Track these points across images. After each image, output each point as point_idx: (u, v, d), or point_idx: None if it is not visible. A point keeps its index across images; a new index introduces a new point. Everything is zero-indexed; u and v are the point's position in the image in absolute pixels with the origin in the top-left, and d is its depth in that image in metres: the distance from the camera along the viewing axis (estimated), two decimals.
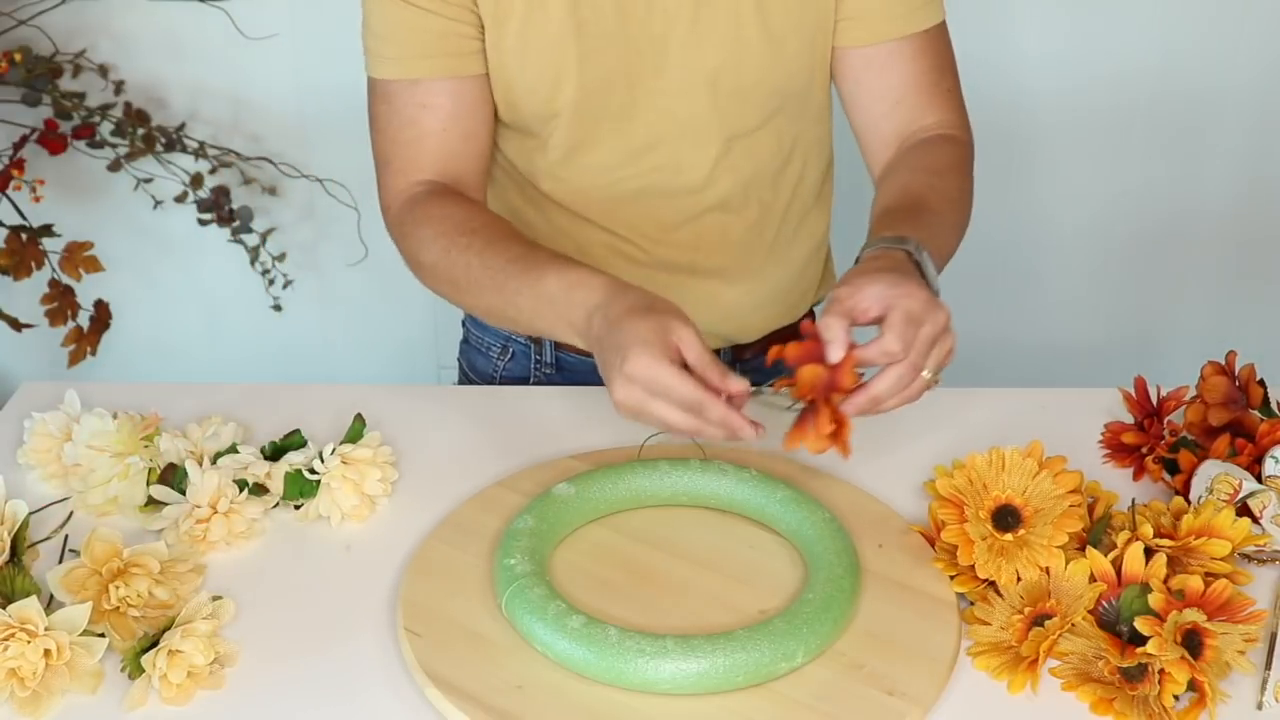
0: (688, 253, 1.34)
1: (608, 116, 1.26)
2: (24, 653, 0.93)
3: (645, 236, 1.33)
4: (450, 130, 1.24)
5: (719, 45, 1.24)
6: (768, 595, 1.05)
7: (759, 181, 1.33)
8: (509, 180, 1.35)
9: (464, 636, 0.99)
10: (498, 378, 1.46)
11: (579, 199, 1.31)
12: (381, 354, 2.39)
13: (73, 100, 1.93)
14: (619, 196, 1.31)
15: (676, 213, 1.32)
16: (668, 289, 1.34)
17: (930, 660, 0.98)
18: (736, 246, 1.35)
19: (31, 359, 2.24)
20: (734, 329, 1.41)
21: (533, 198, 1.34)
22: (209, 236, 2.13)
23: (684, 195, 1.31)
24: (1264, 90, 2.22)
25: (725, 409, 0.99)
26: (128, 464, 1.13)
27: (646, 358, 0.98)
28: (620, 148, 1.28)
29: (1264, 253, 2.36)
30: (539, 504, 1.09)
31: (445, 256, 1.18)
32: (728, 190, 1.32)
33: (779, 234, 1.38)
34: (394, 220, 1.26)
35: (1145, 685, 0.94)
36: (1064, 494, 1.04)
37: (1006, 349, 2.38)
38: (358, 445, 1.15)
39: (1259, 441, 1.16)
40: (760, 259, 1.37)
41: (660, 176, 1.29)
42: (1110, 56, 2.18)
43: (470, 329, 1.50)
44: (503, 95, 1.26)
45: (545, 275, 1.10)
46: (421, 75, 1.23)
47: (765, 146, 1.31)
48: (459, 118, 1.24)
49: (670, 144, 1.28)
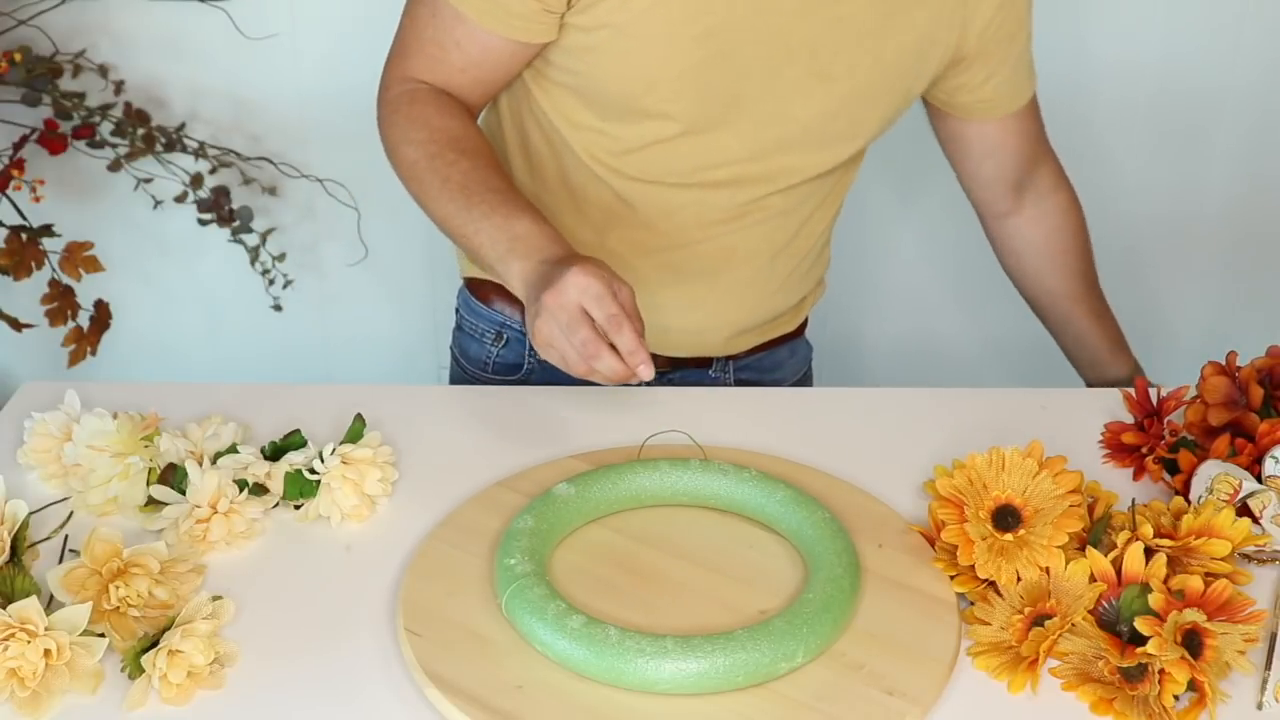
0: (715, 262, 1.35)
1: (698, 128, 1.25)
2: (24, 653, 0.93)
3: (679, 238, 1.33)
4: (469, 73, 1.25)
5: (825, 92, 1.25)
6: (768, 595, 1.05)
7: (801, 208, 1.35)
8: (547, 141, 1.32)
9: (464, 636, 0.99)
10: (490, 364, 1.46)
11: (631, 187, 1.30)
12: (381, 354, 2.38)
13: (73, 100, 1.93)
14: (673, 195, 1.30)
15: (719, 223, 1.32)
16: (683, 294, 1.35)
17: (930, 660, 0.98)
18: (763, 264, 1.36)
19: (31, 359, 2.24)
20: (736, 336, 1.41)
21: (569, 168, 1.31)
22: (209, 236, 2.13)
23: (735, 208, 1.31)
24: (1265, 90, 2.21)
25: (636, 339, 1.03)
26: (128, 464, 1.13)
27: (592, 271, 1.05)
28: (696, 156, 1.27)
29: (1264, 253, 2.36)
30: (539, 504, 1.09)
31: (429, 163, 1.21)
32: (775, 211, 1.33)
33: (804, 257, 1.40)
34: (388, 101, 1.27)
35: (1145, 685, 0.94)
36: (1064, 494, 1.04)
37: (1006, 349, 2.37)
38: (358, 445, 1.15)
39: (1259, 441, 1.16)
40: (781, 278, 1.39)
41: (721, 192, 1.30)
42: (1110, 56, 2.18)
43: (464, 315, 1.49)
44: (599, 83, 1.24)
45: (520, 216, 1.15)
46: (473, 17, 1.21)
47: (822, 185, 1.34)
48: (483, 68, 1.25)
49: (742, 165, 1.28)
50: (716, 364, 1.43)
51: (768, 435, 1.25)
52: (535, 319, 1.07)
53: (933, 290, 2.32)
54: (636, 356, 1.04)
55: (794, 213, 1.34)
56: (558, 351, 1.07)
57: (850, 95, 1.26)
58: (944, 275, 2.32)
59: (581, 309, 1.05)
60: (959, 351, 2.38)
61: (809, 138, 1.28)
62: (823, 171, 1.31)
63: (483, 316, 1.45)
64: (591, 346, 1.04)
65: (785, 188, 1.31)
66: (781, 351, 1.48)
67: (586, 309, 1.04)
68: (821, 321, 1.57)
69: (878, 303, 2.31)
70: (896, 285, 2.29)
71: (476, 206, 1.17)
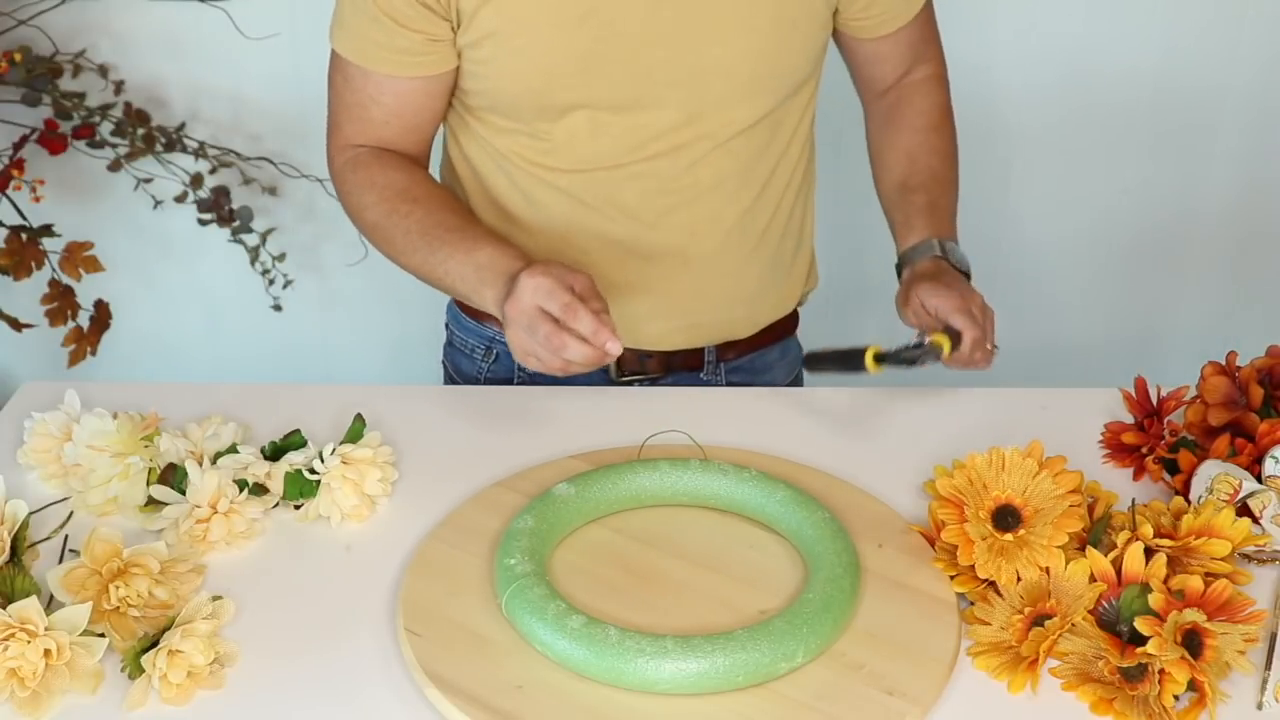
0: (682, 237, 1.34)
1: (617, 106, 1.25)
2: (24, 653, 0.93)
3: (639, 220, 1.33)
4: (393, 124, 1.30)
5: (733, 33, 1.24)
6: (768, 595, 1.05)
7: (754, 167, 1.34)
8: (497, 169, 1.34)
9: (464, 636, 0.99)
10: (482, 379, 1.46)
11: (576, 182, 1.31)
12: (381, 354, 2.38)
13: (73, 100, 1.93)
14: (619, 180, 1.30)
15: (673, 195, 1.32)
16: (661, 279, 1.34)
17: (930, 660, 0.98)
18: (729, 233, 1.35)
19: (31, 359, 2.24)
20: (725, 323, 1.41)
21: (520, 183, 1.33)
22: (209, 236, 2.13)
23: (682, 177, 1.31)
24: (1264, 89, 2.22)
25: (594, 319, 1.07)
26: (128, 464, 1.13)
27: (540, 271, 1.10)
28: (627, 136, 1.27)
29: (1264, 253, 2.36)
30: (539, 504, 1.09)
31: (387, 220, 1.27)
32: (724, 173, 1.32)
33: (770, 224, 1.38)
34: (336, 172, 1.33)
35: (1145, 685, 0.94)
36: (1064, 494, 1.04)
37: (1006, 349, 2.37)
38: (358, 445, 1.15)
39: (1259, 441, 1.16)
40: (751, 246, 1.38)
41: (662, 163, 1.29)
42: (1110, 56, 2.18)
43: (454, 331, 1.49)
44: (504, 89, 1.26)
45: (480, 245, 1.21)
46: (373, 69, 1.26)
47: (762, 133, 1.32)
48: (404, 115, 1.29)
49: (676, 132, 1.28)
50: (707, 367, 1.43)
51: (767, 435, 1.25)
52: (506, 332, 1.13)
53: None
54: (600, 336, 1.07)
55: (746, 175, 1.34)
56: (533, 356, 1.11)
57: (755, 34, 1.25)
58: None
59: (538, 308, 1.09)
60: None
61: (731, 87, 1.27)
62: (758, 117, 1.31)
63: (472, 332, 1.46)
64: (555, 339, 1.08)
65: (724, 142, 1.30)
66: (772, 352, 1.48)
67: (542, 307, 1.09)
68: (818, 320, 1.57)
69: (875, 302, 2.31)
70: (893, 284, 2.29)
71: (439, 250, 1.23)
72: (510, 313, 1.11)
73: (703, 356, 1.43)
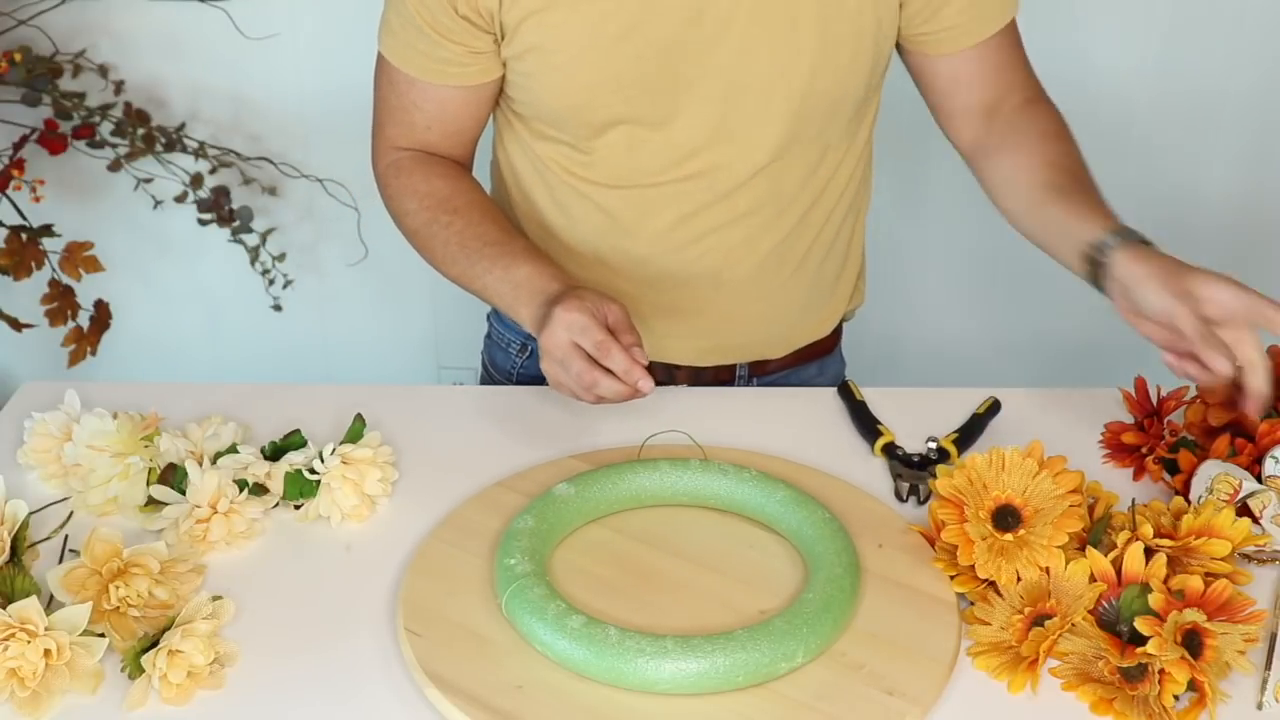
0: (715, 261, 1.32)
1: (654, 122, 1.24)
2: (24, 653, 0.93)
3: (671, 243, 1.31)
4: (435, 129, 1.30)
5: (773, 52, 1.21)
6: (768, 595, 1.05)
7: (796, 194, 1.31)
8: (537, 176, 1.33)
9: (464, 636, 0.99)
10: (515, 375, 1.47)
11: (611, 198, 1.30)
12: (381, 354, 2.38)
13: (73, 100, 1.93)
14: (653, 200, 1.29)
15: (707, 219, 1.30)
16: (692, 301, 1.34)
17: (930, 660, 0.98)
18: (765, 258, 1.33)
19: (31, 359, 2.24)
20: (758, 344, 1.40)
21: (557, 194, 1.32)
22: (209, 236, 2.13)
23: (718, 201, 1.29)
24: (1264, 91, 2.21)
25: (626, 358, 1.09)
26: (128, 464, 1.13)
27: (575, 305, 1.12)
28: (663, 152, 1.26)
29: (1264, 253, 2.35)
30: (539, 504, 1.09)
31: (427, 229, 1.29)
32: (762, 199, 1.29)
33: (811, 249, 1.36)
34: (380, 175, 1.34)
35: (1145, 685, 0.94)
36: (1064, 494, 1.04)
37: (1006, 349, 2.37)
38: (358, 445, 1.15)
39: (1259, 441, 1.16)
40: (789, 273, 1.35)
41: (699, 184, 1.28)
42: (1110, 57, 2.18)
43: (493, 325, 1.50)
44: (546, 102, 1.25)
45: (518, 262, 1.22)
46: (416, 76, 1.27)
47: (807, 156, 1.29)
48: (445, 121, 1.30)
49: (711, 151, 1.26)
50: (739, 381, 1.42)
51: (768, 435, 1.25)
52: (541, 363, 1.14)
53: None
54: (632, 374, 1.09)
55: (787, 201, 1.30)
56: (566, 388, 1.13)
57: (799, 54, 1.21)
58: (945, 275, 2.32)
59: (572, 344, 1.11)
60: (959, 351, 2.38)
61: (768, 106, 1.24)
62: (800, 139, 1.26)
63: (509, 328, 1.46)
64: (587, 377, 1.10)
65: (764, 165, 1.26)
66: (810, 369, 1.46)
67: (576, 342, 1.10)
68: (857, 335, 1.54)
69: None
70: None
71: (478, 263, 1.24)
72: (545, 345, 1.13)
73: (734, 371, 1.42)
